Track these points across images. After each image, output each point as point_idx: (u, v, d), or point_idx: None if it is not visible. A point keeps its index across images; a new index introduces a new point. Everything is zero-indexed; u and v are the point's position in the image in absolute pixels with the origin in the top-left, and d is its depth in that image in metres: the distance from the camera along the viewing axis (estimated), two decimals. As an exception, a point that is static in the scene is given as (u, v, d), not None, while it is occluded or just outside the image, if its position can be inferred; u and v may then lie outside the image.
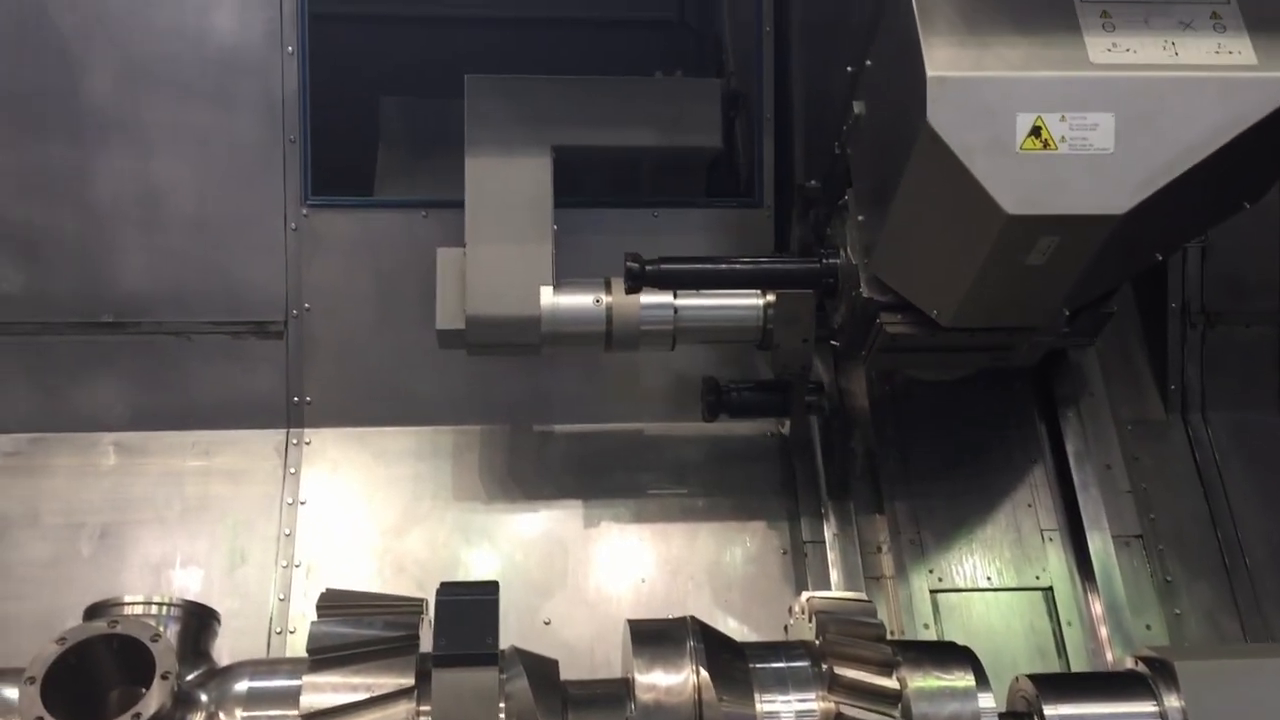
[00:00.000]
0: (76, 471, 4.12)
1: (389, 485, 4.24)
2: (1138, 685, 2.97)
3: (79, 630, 2.76)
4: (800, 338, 4.02)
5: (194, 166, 4.24)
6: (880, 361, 3.79)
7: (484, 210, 4.03)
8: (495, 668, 2.69)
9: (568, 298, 3.97)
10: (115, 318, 4.20)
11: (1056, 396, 4.43)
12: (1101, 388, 4.51)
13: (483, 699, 2.64)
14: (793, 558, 4.21)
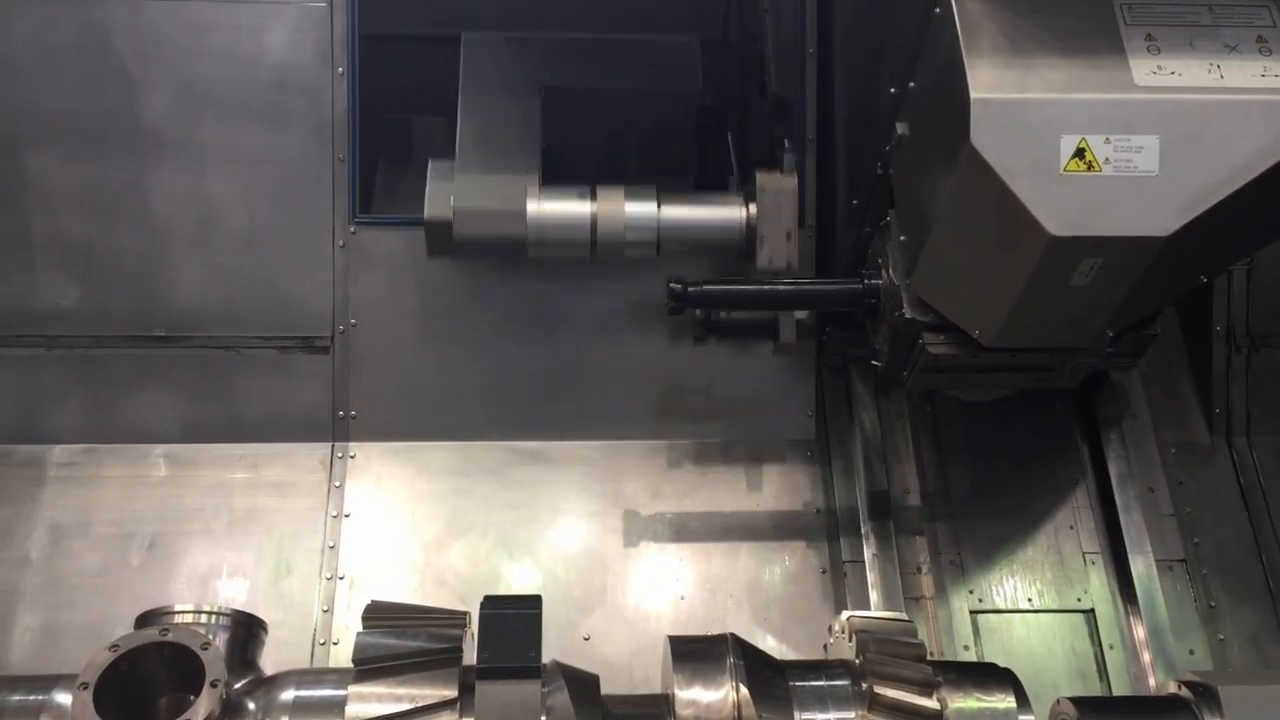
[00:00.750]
0: (127, 482, 4.20)
1: (431, 499, 4.29)
2: (1181, 710, 2.94)
3: (131, 638, 2.81)
4: (784, 233, 4.03)
5: (245, 184, 4.32)
6: (922, 382, 3.78)
7: (474, 135, 4.15)
8: (538, 681, 2.72)
9: (553, 203, 4.04)
10: (167, 331, 4.29)
11: (1099, 418, 4.42)
12: (1145, 410, 4.49)
13: (525, 711, 2.66)
14: (832, 577, 4.21)
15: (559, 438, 4.42)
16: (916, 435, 4.45)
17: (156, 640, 2.80)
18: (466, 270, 4.40)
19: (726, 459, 4.43)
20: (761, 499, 4.36)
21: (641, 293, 4.43)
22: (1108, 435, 4.40)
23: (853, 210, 4.13)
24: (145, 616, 3.00)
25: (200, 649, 2.77)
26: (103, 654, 2.76)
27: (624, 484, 4.37)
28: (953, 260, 3.35)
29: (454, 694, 2.75)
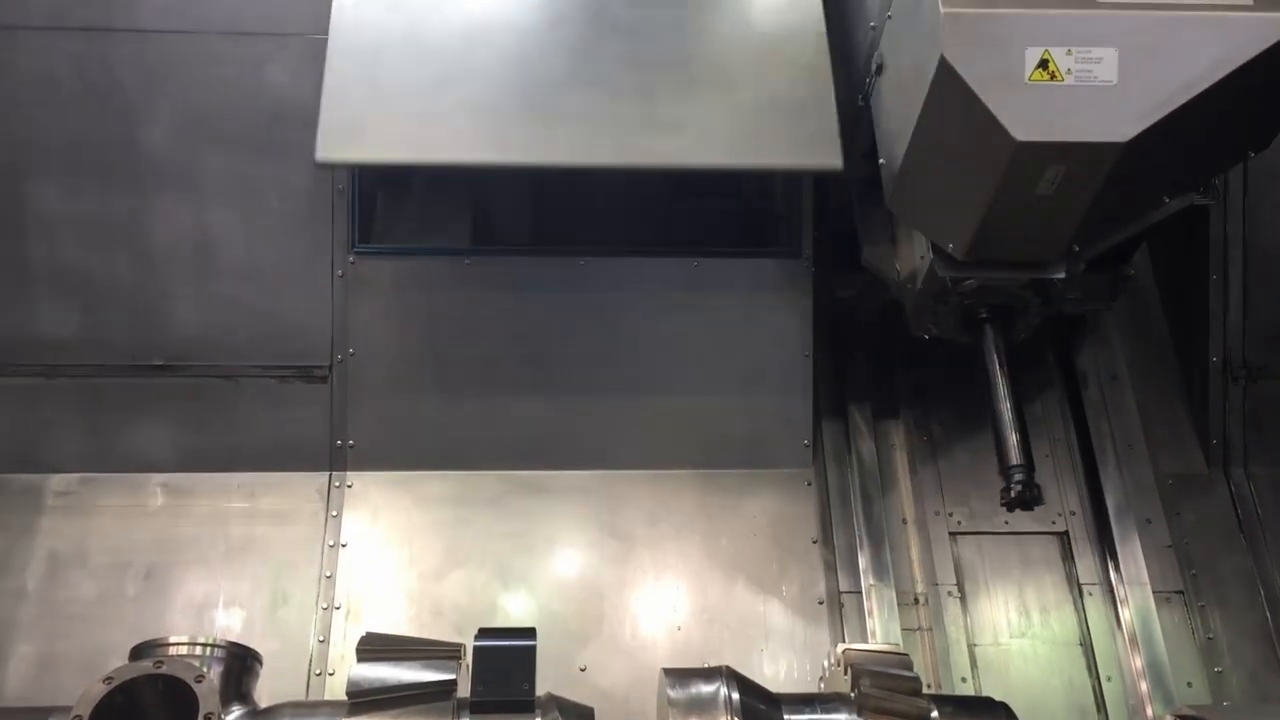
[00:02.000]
0: (125, 512, 4.21)
1: (429, 529, 4.29)
2: (1177, 744, 2.94)
3: (125, 670, 2.81)
4: None
5: (245, 215, 4.35)
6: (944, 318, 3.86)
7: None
8: (532, 714, 2.72)
9: None
10: (166, 361, 4.31)
11: (1096, 450, 4.43)
12: (1142, 441, 4.50)
13: (518, 745, 2.66)
14: (829, 608, 4.20)
15: (556, 468, 4.42)
16: (914, 465, 4.45)
17: (151, 672, 2.81)
18: (466, 300, 4.42)
19: (723, 489, 4.43)
20: (758, 529, 4.36)
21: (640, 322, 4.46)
22: (1105, 468, 4.42)
23: None
24: (140, 648, 3.00)
25: (194, 681, 2.78)
26: (97, 686, 2.77)
27: (621, 514, 4.37)
28: (927, 176, 3.48)
29: (448, 728, 2.75)
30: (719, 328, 4.51)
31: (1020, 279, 3.61)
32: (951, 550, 4.29)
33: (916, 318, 3.88)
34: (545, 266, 4.48)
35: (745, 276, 4.55)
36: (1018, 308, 3.73)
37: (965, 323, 3.81)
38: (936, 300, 3.75)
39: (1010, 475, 3.58)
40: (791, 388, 4.49)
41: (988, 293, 3.67)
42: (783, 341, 4.51)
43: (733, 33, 3.99)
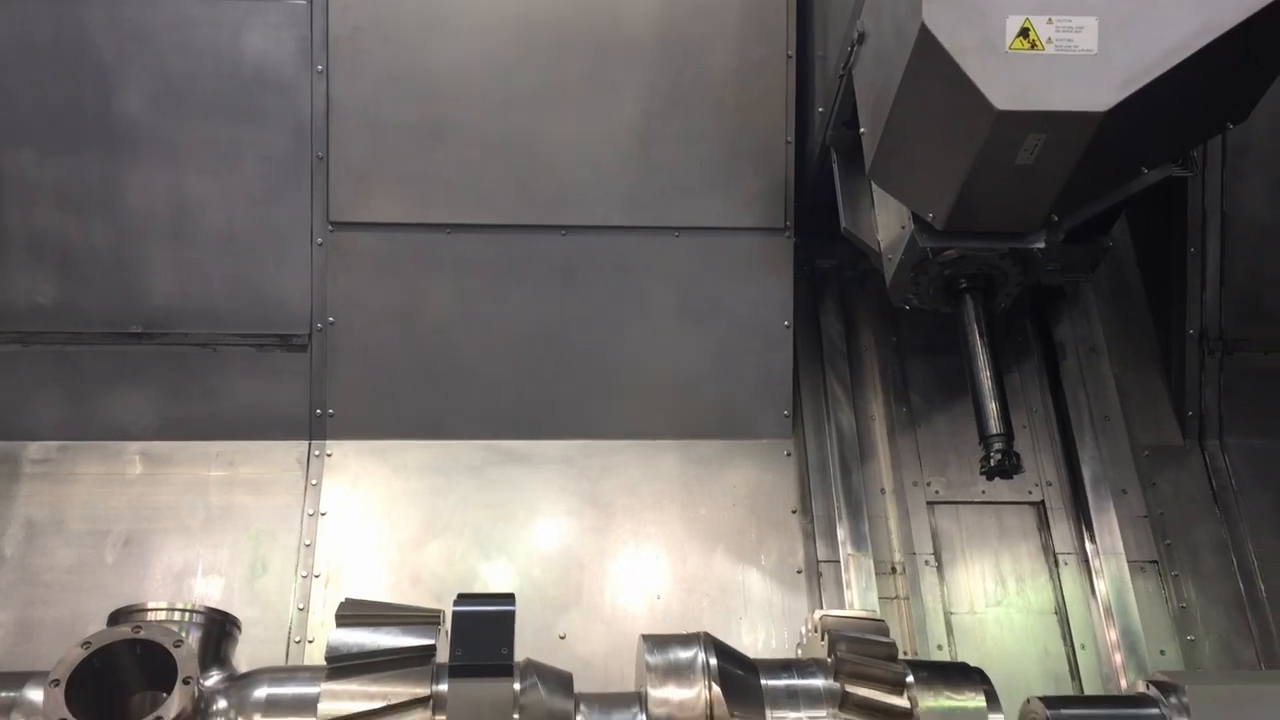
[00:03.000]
0: (103, 480, 4.19)
1: (408, 498, 4.29)
2: (1149, 708, 2.97)
3: (103, 635, 2.80)
4: None
5: (223, 182, 4.32)
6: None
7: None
8: (510, 679, 2.73)
9: None
10: (144, 328, 4.29)
11: (1073, 421, 4.46)
12: (1119, 413, 4.53)
13: (497, 709, 2.67)
14: (807, 577, 4.23)
15: (536, 437, 4.42)
16: (893, 435, 4.48)
17: (129, 637, 2.80)
18: (446, 272, 4.41)
19: (703, 459, 4.44)
20: (738, 499, 4.37)
21: (621, 294, 4.46)
22: (1083, 439, 4.45)
23: (819, 117, 4.28)
24: (118, 614, 2.99)
25: (173, 646, 2.78)
26: (74, 651, 2.76)
27: (601, 484, 4.38)
28: (907, 145, 3.48)
29: (426, 692, 2.76)
30: (700, 299, 4.52)
31: (1000, 249, 3.62)
32: (929, 520, 4.32)
33: (896, 288, 3.88)
34: (527, 239, 4.47)
35: (726, 248, 4.55)
36: (997, 278, 3.75)
37: (945, 293, 3.82)
38: (917, 270, 3.76)
39: (990, 444, 3.60)
40: (771, 359, 4.51)
41: (967, 262, 3.68)
42: (763, 312, 4.52)
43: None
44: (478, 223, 4.42)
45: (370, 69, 4.40)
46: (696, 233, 4.52)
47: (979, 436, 3.67)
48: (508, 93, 4.45)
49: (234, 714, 2.81)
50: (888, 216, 3.92)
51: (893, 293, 3.93)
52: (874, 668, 2.90)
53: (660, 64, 4.52)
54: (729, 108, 4.53)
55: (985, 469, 3.63)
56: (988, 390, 3.66)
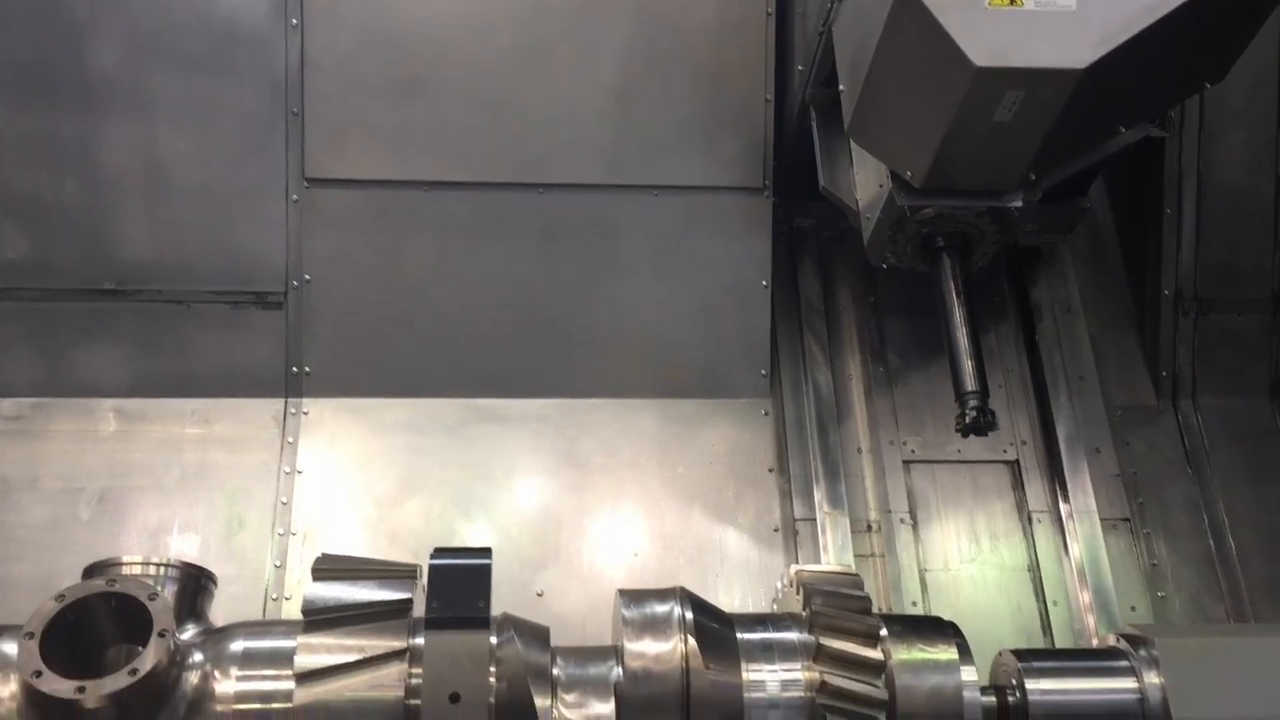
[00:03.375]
0: (76, 437, 4.16)
1: (385, 456, 4.28)
2: (1118, 661, 3.02)
3: (78, 588, 2.79)
4: None
5: (197, 137, 4.27)
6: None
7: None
8: (487, 631, 2.74)
9: None
10: (117, 285, 4.25)
11: (1048, 381, 4.49)
12: (1094, 373, 4.56)
13: (474, 661, 2.68)
14: (784, 535, 4.25)
15: (514, 396, 4.42)
16: (870, 395, 4.49)
17: (103, 590, 2.79)
18: (424, 229, 4.38)
19: (681, 418, 4.45)
20: (715, 457, 4.39)
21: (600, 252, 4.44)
22: (1057, 398, 4.48)
23: (799, 75, 4.26)
24: (93, 568, 2.98)
25: (148, 599, 2.77)
26: (49, 604, 2.75)
27: (579, 443, 4.38)
28: (886, 102, 3.49)
29: (403, 645, 2.76)
30: (678, 258, 4.51)
31: (978, 207, 3.63)
32: (905, 478, 4.35)
33: (874, 247, 3.89)
34: (505, 197, 4.44)
35: (704, 207, 4.54)
36: (974, 236, 3.76)
37: (923, 251, 3.83)
38: (894, 229, 3.76)
39: (965, 401, 3.62)
40: (749, 318, 4.51)
41: (945, 221, 3.69)
42: (741, 272, 4.51)
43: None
44: (455, 180, 4.39)
45: (346, 23, 4.35)
46: (675, 192, 4.51)
47: (955, 394, 3.69)
48: (486, 50, 4.41)
49: (210, 667, 2.81)
50: (866, 175, 3.92)
51: (870, 251, 3.93)
52: (848, 621, 2.93)
53: (640, 22, 4.48)
54: (708, 66, 4.51)
55: (960, 426, 3.65)
56: (963, 348, 3.67)
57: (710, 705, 2.83)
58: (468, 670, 2.67)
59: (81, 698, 2.59)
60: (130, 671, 2.64)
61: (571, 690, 2.86)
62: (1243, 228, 4.56)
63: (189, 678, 2.77)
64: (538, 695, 2.79)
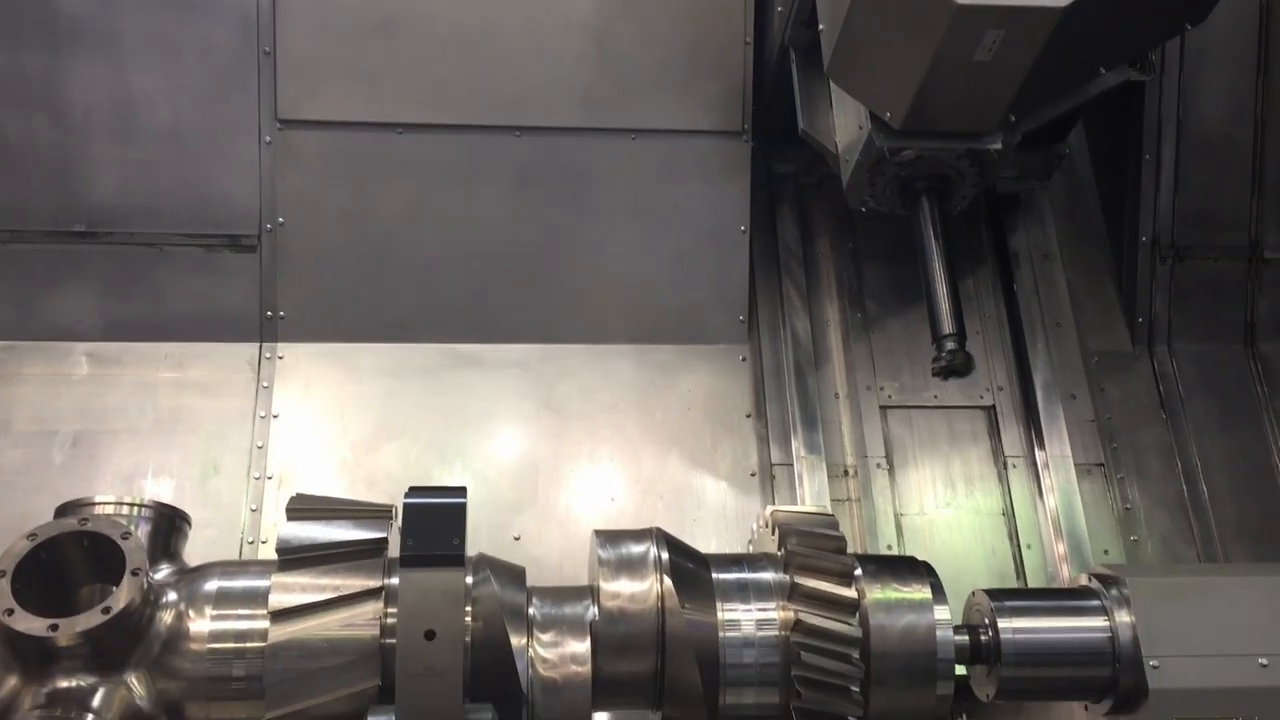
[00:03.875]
0: (49, 380, 4.13)
1: (362, 401, 4.26)
2: (1090, 600, 3.04)
3: (50, 526, 2.78)
4: None
5: (168, 77, 4.21)
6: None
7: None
8: (462, 569, 2.73)
9: None
10: (88, 227, 4.19)
11: (1025, 327, 4.49)
12: (1071, 319, 4.58)
13: (449, 598, 2.68)
14: (761, 480, 4.26)
15: (492, 341, 4.40)
16: (848, 340, 4.49)
17: (76, 530, 2.78)
18: (399, 172, 4.33)
19: (659, 364, 4.44)
20: (693, 403, 4.39)
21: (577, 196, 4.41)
22: (1034, 345, 4.49)
23: (779, 17, 4.22)
24: (65, 507, 2.97)
25: (120, 538, 2.76)
26: (20, 543, 2.74)
27: (557, 388, 4.37)
28: (866, 42, 3.45)
29: (378, 584, 2.76)
30: (656, 203, 4.48)
31: (957, 149, 3.61)
32: (882, 424, 4.36)
33: (853, 190, 3.86)
34: (481, 140, 4.39)
35: (683, 152, 4.50)
36: (954, 179, 3.74)
37: (902, 194, 3.81)
38: (874, 172, 3.74)
39: (942, 344, 3.62)
40: (728, 264, 4.50)
41: (925, 163, 3.66)
42: (720, 217, 4.49)
43: None
44: (430, 122, 4.34)
45: (319, -41, 4.28)
46: (653, 135, 4.47)
47: (932, 336, 3.69)
48: (461, -12, 4.35)
49: (184, 606, 2.80)
50: (845, 117, 3.89)
51: (849, 194, 3.91)
52: (823, 560, 2.94)
53: (618, -39, 4.43)
54: (687, 7, 4.46)
55: (937, 369, 3.65)
56: (941, 291, 3.67)
57: (685, 644, 2.84)
58: (442, 608, 2.67)
59: (54, 635, 2.59)
60: (103, 610, 2.64)
61: (547, 629, 2.87)
62: (1221, 174, 4.56)
63: (163, 617, 2.77)
64: (514, 634, 2.80)
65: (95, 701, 2.63)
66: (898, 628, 2.93)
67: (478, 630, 2.78)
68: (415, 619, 2.65)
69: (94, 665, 2.67)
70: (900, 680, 2.90)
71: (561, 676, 2.80)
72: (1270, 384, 4.53)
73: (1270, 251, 4.60)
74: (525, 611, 2.89)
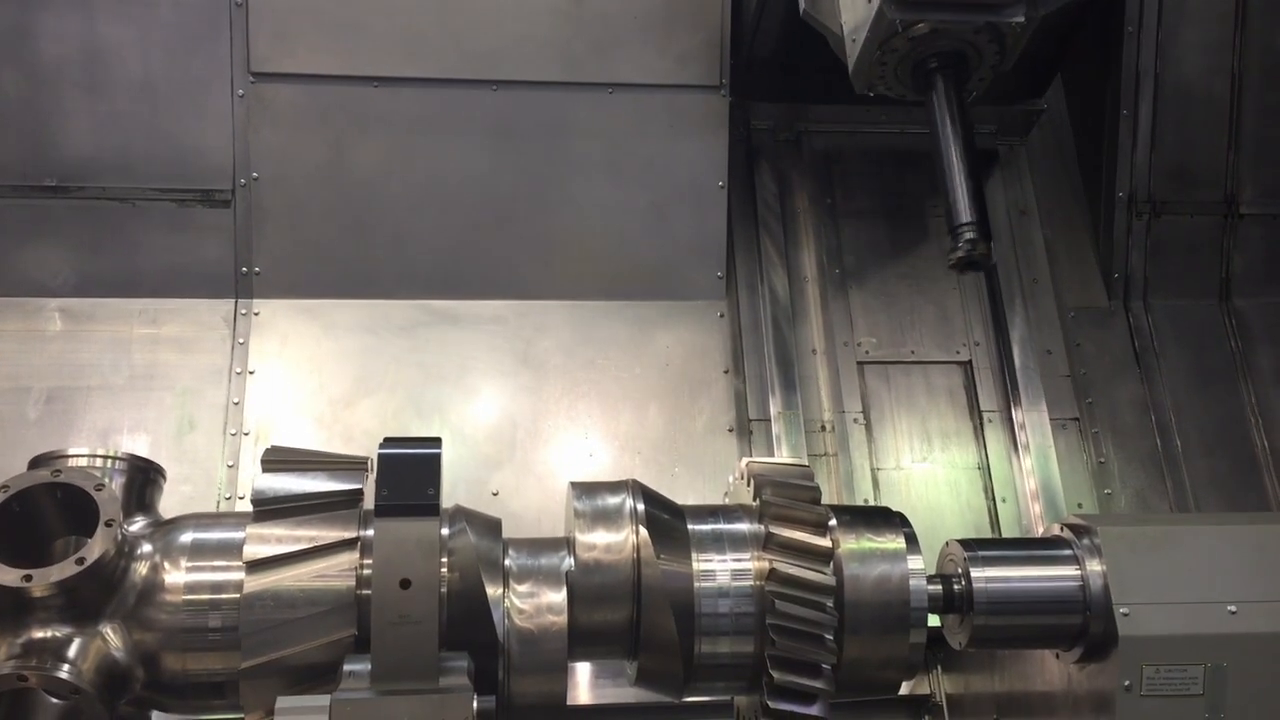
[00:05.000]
0: (22, 336, 4.10)
1: (338, 357, 4.25)
2: (1062, 549, 3.07)
3: (22, 478, 2.76)
4: None
5: (139, 28, 4.16)
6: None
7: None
8: (437, 518, 2.73)
9: None
10: (59, 182, 4.15)
11: (1002, 283, 4.51)
12: (1047, 275, 4.59)
13: (424, 548, 2.67)
14: (738, 435, 4.27)
15: (469, 297, 4.39)
16: (825, 297, 4.50)
17: (49, 481, 2.76)
18: (374, 126, 4.30)
19: (637, 320, 4.44)
20: (671, 359, 4.39)
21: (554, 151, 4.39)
22: (1011, 300, 4.50)
23: None
24: (38, 460, 2.94)
25: (94, 489, 2.74)
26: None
27: (535, 344, 4.37)
28: None
29: (353, 535, 2.76)
30: (634, 158, 4.46)
31: (975, 22, 3.34)
32: (859, 379, 4.37)
33: (861, 72, 3.58)
34: (457, 94, 4.36)
35: (660, 106, 4.48)
36: (971, 57, 3.49)
37: (914, 75, 3.54)
38: (884, 49, 3.46)
39: (959, 234, 3.36)
40: (705, 219, 4.49)
41: (940, 38, 3.41)
42: (697, 172, 4.48)
43: None
44: (405, 76, 4.31)
45: (290, -93, 4.22)
46: (631, 90, 4.45)
47: (948, 226, 3.44)
48: (436, -60, 4.30)
49: (159, 558, 2.80)
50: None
51: (856, 78, 3.64)
52: (797, 510, 2.94)
53: (594, -88, 4.38)
54: (665, -40, 4.42)
55: (954, 261, 3.38)
56: (959, 177, 3.39)
57: (661, 594, 2.86)
58: (417, 557, 2.66)
59: (28, 586, 2.58)
60: (77, 560, 2.63)
61: (524, 580, 2.87)
62: (1198, 129, 4.57)
63: (138, 568, 2.76)
64: (490, 585, 2.80)
65: (70, 652, 2.62)
66: (871, 577, 2.94)
67: (454, 580, 2.78)
68: (390, 568, 2.65)
69: (69, 616, 2.66)
70: (873, 629, 2.92)
71: (537, 626, 2.81)
72: (1244, 339, 4.56)
73: (1246, 207, 4.62)
74: (501, 562, 2.89)
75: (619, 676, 3.61)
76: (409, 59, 4.31)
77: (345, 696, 2.55)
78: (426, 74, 4.34)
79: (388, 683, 2.59)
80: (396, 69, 4.31)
